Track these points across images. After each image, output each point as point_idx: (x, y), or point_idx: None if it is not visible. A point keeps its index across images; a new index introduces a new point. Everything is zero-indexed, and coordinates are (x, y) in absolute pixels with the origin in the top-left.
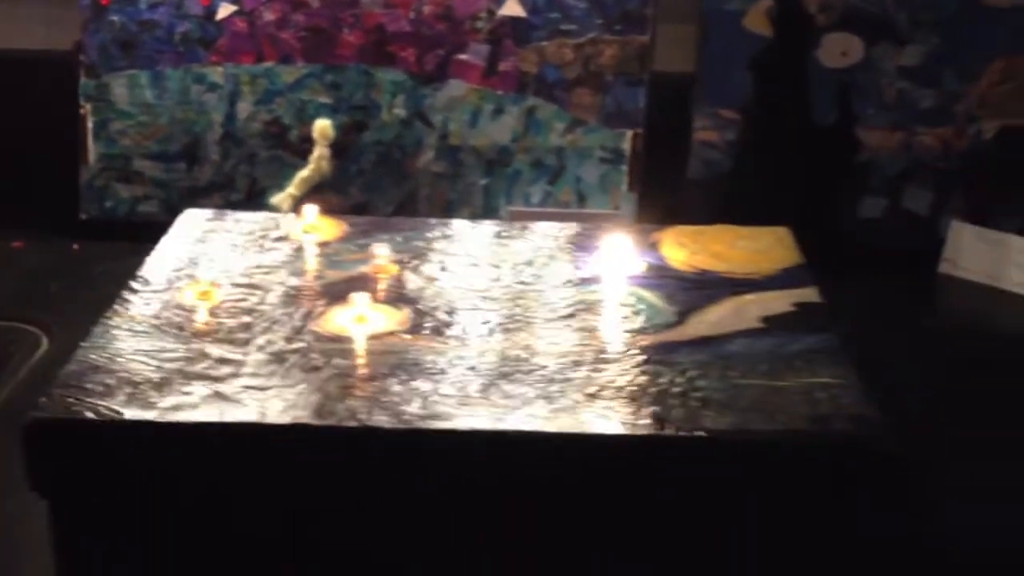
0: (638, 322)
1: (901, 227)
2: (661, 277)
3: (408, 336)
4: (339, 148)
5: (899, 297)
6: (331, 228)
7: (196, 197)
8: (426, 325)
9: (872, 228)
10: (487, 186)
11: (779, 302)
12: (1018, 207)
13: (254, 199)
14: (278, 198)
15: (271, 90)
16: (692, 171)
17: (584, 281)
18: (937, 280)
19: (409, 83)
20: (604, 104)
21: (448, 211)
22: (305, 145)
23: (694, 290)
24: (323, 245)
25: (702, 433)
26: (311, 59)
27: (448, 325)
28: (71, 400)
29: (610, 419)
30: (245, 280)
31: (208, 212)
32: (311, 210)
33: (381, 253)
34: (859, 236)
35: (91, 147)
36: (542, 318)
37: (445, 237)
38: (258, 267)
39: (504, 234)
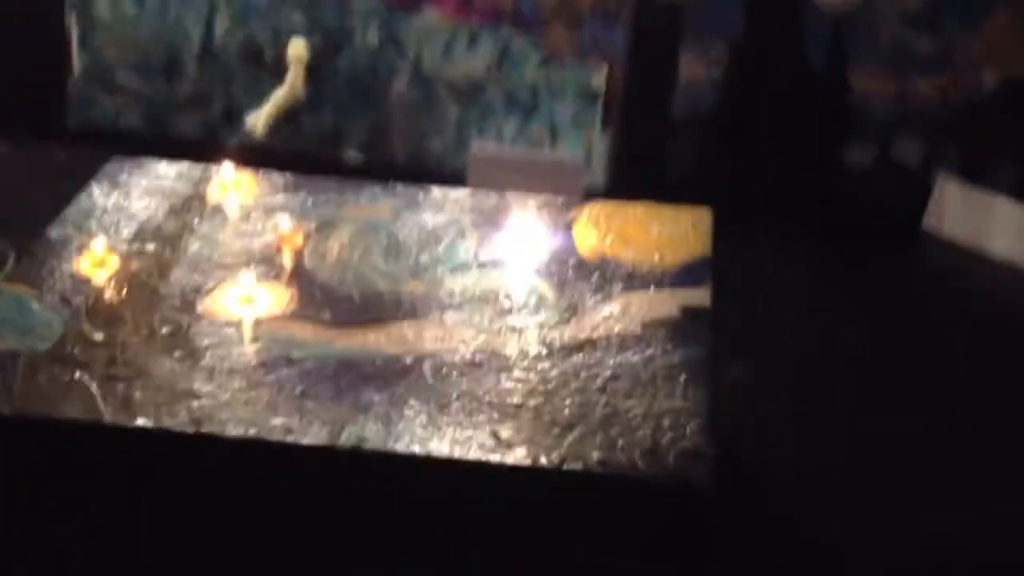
0: (522, 320)
1: (889, 178)
2: (562, 265)
3: (288, 320)
4: (313, 70)
5: (876, 260)
6: (248, 187)
7: (174, 112)
8: (307, 310)
9: (860, 178)
10: (459, 118)
11: (667, 304)
12: (1015, 162)
13: (232, 117)
14: (254, 118)
15: (247, 8)
16: (676, 110)
17: (484, 266)
18: (920, 239)
19: (384, 9)
20: (580, 39)
21: (420, 141)
22: (280, 65)
23: (589, 283)
24: (236, 208)
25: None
26: None
27: (328, 310)
28: None
29: (434, 440)
30: (144, 247)
31: (133, 161)
32: (228, 168)
33: (285, 225)
34: (846, 186)
35: (76, 58)
36: (433, 308)
37: (358, 205)
38: (163, 232)
39: (418, 203)
